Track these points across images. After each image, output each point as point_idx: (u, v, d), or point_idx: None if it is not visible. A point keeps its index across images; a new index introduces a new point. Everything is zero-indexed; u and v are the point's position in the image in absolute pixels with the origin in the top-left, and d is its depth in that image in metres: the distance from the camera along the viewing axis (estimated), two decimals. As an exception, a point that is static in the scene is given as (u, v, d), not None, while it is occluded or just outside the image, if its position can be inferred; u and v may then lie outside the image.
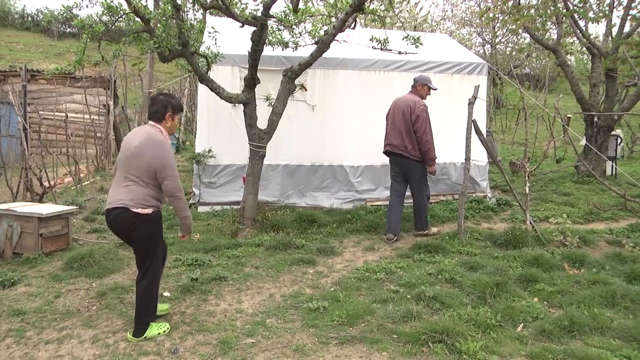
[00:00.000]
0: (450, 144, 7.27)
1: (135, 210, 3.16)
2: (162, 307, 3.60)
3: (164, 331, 3.33)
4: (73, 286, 4.17)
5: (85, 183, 7.83)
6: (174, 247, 5.20)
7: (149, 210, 3.21)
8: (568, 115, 12.41)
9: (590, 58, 9.81)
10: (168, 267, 4.62)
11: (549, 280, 4.23)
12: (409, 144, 5.51)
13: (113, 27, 4.93)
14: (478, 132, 5.79)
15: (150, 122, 3.34)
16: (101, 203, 6.88)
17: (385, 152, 5.79)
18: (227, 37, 6.34)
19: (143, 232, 3.23)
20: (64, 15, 4.79)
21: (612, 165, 9.30)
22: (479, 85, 5.89)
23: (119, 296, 3.95)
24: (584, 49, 10.20)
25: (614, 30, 9.24)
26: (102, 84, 11.72)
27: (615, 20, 9.39)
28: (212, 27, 5.53)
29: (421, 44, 5.32)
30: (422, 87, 5.74)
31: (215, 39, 5.65)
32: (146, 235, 3.25)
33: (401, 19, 16.57)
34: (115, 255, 4.86)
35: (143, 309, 3.27)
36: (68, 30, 26.76)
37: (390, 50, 5.78)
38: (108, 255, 4.80)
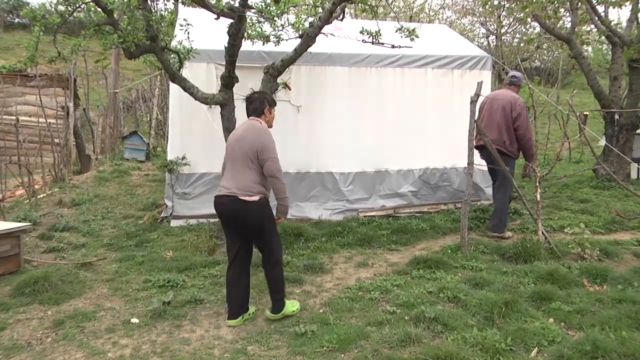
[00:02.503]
0: (452, 147, 7.36)
1: (242, 197, 3.78)
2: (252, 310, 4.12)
3: (296, 309, 4.07)
4: (23, 315, 4.09)
5: (41, 196, 7.76)
6: (143, 266, 5.19)
7: (255, 197, 3.81)
8: (585, 113, 12.53)
9: (610, 48, 9.69)
10: (136, 290, 4.61)
11: (566, 298, 4.22)
12: (507, 139, 6.09)
13: (71, 18, 4.87)
14: (482, 133, 5.86)
15: (251, 117, 4.08)
16: (59, 218, 6.84)
17: (478, 147, 6.19)
18: (201, 31, 6.35)
19: (253, 219, 3.83)
20: (10, 3, 4.73)
21: (638, 168, 9.28)
22: (482, 82, 5.97)
23: (79, 325, 3.91)
24: (603, 37, 10.04)
25: None
26: (60, 83, 11.62)
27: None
28: (184, 19, 5.49)
29: (417, 36, 5.39)
30: (517, 86, 6.39)
31: (188, 33, 5.63)
32: (256, 221, 3.85)
33: (395, 9, 16.71)
34: (75, 278, 4.82)
35: (275, 288, 3.96)
36: (17, 20, 26.35)
37: (383, 44, 5.84)
38: (67, 278, 4.75)
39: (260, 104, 4.09)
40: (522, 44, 19.40)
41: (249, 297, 4.13)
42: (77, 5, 4.78)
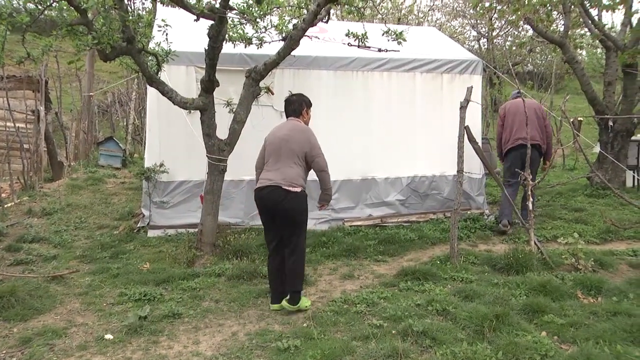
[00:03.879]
0: (441, 154, 7.43)
1: (286, 187, 4.25)
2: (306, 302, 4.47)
3: (308, 306, 4.42)
4: (-14, 333, 4.01)
5: (9, 205, 7.69)
6: (118, 279, 5.16)
7: (298, 189, 4.30)
8: (579, 119, 12.71)
9: (604, 52, 9.83)
10: (111, 304, 4.58)
11: (559, 310, 4.24)
12: (542, 137, 6.95)
13: (41, 16, 4.80)
14: (472, 140, 5.93)
15: (291, 118, 4.62)
16: (29, 228, 6.78)
17: (516, 147, 6.91)
18: (180, 32, 6.36)
19: (292, 207, 4.29)
20: (-28, -1, 4.64)
21: (634, 176, 9.36)
22: (472, 87, 6.05)
23: (48, 342, 3.85)
24: (597, 42, 10.21)
25: (635, 19, 9.00)
26: (30, 85, 11.53)
27: (637, 6, 9.48)
28: (163, 20, 5.51)
29: (404, 39, 5.45)
30: None
31: (167, 34, 5.67)
32: (295, 211, 4.31)
33: (382, 11, 16.85)
34: (45, 292, 4.77)
35: (295, 280, 4.32)
36: (-20, 18, 26.11)
37: (369, 47, 5.91)
38: (36, 293, 4.69)
39: (298, 106, 4.65)
40: (514, 47, 19.61)
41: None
42: (48, 4, 4.72)
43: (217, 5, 5.16)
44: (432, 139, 7.53)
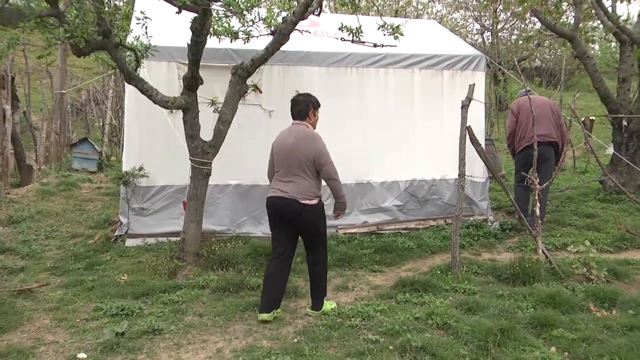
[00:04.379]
0: (441, 156, 7.48)
1: (303, 202, 4.46)
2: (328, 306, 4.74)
3: (334, 308, 4.71)
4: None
5: (-27, 212, 7.67)
6: (93, 292, 5.15)
7: (314, 201, 4.53)
8: (591, 118, 12.73)
9: (618, 46, 9.76)
10: (85, 320, 4.57)
11: (570, 324, 4.26)
12: (559, 135, 7.29)
13: (6, 6, 4.75)
14: (474, 141, 5.97)
15: (296, 121, 4.74)
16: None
17: (529, 146, 6.93)
18: (161, 25, 6.36)
19: (311, 220, 4.55)
20: None
21: None
22: (474, 84, 6.11)
23: (15, 363, 3.83)
24: (610, 35, 10.18)
25: None
26: (-4, 82, 11.50)
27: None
28: (142, 12, 5.47)
29: (401, 34, 5.50)
30: None
31: (146, 27, 5.65)
32: (314, 223, 4.58)
33: (379, 2, 16.91)
34: (11, 308, 4.74)
35: (320, 285, 4.67)
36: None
37: (364, 42, 5.95)
38: (0, 308, 4.67)
39: (305, 107, 4.74)
40: (520, 42, 19.68)
41: (283, 295, 4.72)
42: (15, -7, 4.68)
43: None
44: (432, 140, 7.57)
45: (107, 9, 5.13)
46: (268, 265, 4.70)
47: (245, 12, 5.50)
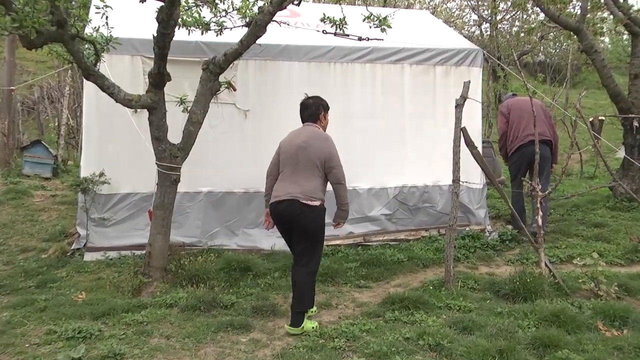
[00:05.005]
0: (434, 160, 7.56)
1: (304, 202, 4.68)
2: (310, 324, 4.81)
3: (314, 327, 4.75)
4: None
5: None
6: (46, 313, 5.09)
7: (317, 203, 4.75)
8: (600, 118, 12.83)
9: (630, 39, 9.80)
10: (35, 345, 4.52)
11: (576, 345, 4.28)
12: (551, 133, 7.69)
13: None
14: (469, 144, 6.01)
15: (308, 122, 5.05)
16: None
17: (526, 144, 7.46)
18: (124, 15, 6.38)
19: (310, 222, 4.74)
20: None
21: None
22: (469, 81, 6.14)
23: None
24: (621, 27, 10.21)
25: None
26: None
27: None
28: (102, 0, 5.47)
29: (389, 26, 5.56)
30: None
31: (107, 17, 5.62)
32: (313, 225, 4.77)
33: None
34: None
35: (302, 298, 4.75)
36: None
37: (347, 35, 6.00)
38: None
39: (315, 110, 5.07)
40: (521, 34, 19.78)
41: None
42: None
43: (167, -16, 5.16)
44: (424, 143, 7.63)
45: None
46: (291, 271, 5.04)
47: (217, 1, 5.53)
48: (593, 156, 12.90)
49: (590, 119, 12.80)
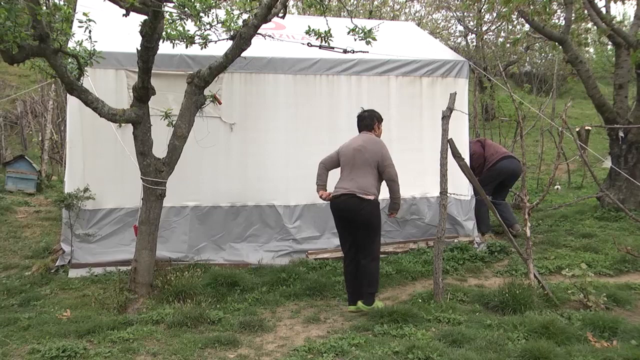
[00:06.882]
0: (421, 172, 7.57)
1: (360, 195, 5.42)
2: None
3: (382, 306, 5.47)
4: None
5: None
6: (30, 332, 5.04)
7: (371, 197, 5.47)
8: (586, 128, 12.92)
9: (614, 50, 9.83)
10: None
11: (566, 356, 4.30)
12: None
13: None
14: (456, 155, 6.06)
15: (364, 132, 5.80)
16: None
17: (505, 157, 8.07)
18: (107, 29, 6.36)
19: (367, 213, 5.46)
20: None
21: None
22: (455, 93, 6.20)
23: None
24: (604, 38, 10.29)
25: None
26: None
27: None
28: (85, 14, 5.42)
29: (374, 38, 5.60)
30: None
31: (90, 31, 5.62)
32: (369, 215, 5.48)
33: (351, 2, 17.08)
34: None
35: (372, 282, 5.52)
36: None
37: (332, 48, 6.04)
38: None
39: (370, 121, 5.83)
40: (507, 45, 19.94)
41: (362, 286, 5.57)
42: None
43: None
44: (411, 155, 7.61)
45: (44, 9, 5.04)
46: (344, 268, 5.79)
47: (201, 14, 5.53)
48: (580, 166, 12.98)
49: (577, 129, 12.92)
